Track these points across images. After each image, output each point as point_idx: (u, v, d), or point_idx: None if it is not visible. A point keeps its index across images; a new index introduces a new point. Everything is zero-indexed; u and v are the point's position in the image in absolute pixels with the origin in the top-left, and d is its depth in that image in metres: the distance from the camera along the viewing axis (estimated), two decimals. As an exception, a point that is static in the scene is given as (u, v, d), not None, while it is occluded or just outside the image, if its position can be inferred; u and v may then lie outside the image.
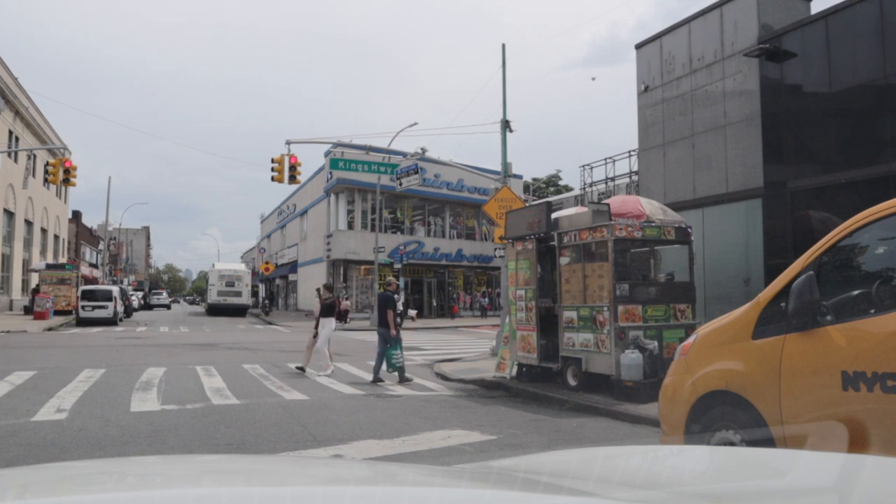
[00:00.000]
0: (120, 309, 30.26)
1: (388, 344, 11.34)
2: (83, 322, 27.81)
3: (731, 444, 3.95)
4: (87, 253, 61.25)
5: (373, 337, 22.99)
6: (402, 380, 11.22)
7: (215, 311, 40.41)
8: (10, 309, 34.36)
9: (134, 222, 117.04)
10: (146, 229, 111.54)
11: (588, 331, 9.50)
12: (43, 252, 42.11)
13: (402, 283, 32.94)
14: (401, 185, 21.39)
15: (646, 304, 9.37)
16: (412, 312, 33.52)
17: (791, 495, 1.60)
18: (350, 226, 39.22)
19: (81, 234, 58.48)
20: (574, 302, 9.83)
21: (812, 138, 14.52)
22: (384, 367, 11.43)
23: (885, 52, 12.64)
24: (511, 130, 17.17)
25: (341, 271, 39.16)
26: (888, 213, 3.56)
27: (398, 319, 31.39)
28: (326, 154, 35.59)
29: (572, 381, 9.75)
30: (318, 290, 13.50)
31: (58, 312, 30.67)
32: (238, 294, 40.97)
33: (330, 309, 13.11)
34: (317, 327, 12.89)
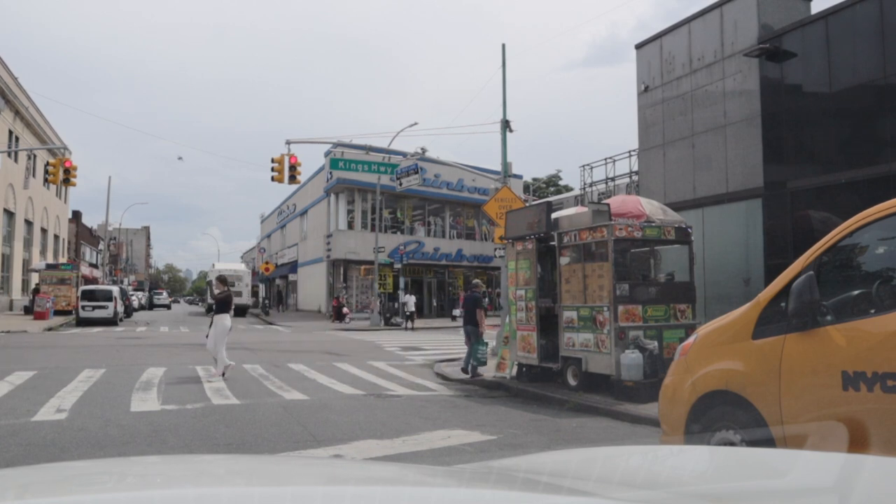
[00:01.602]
0: (120, 309, 30.26)
1: (476, 340, 11.96)
2: (83, 322, 27.80)
3: (731, 444, 3.95)
4: (87, 253, 61.24)
5: (372, 337, 23.09)
6: (474, 374, 11.86)
7: None
8: (10, 309, 34.35)
9: (134, 222, 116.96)
10: (146, 229, 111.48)
11: (588, 331, 9.50)
12: (43, 252, 42.10)
13: (402, 283, 32.95)
14: (401, 185, 21.39)
15: (646, 304, 9.37)
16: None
17: (791, 495, 1.60)
18: (350, 226, 39.22)
19: (81, 234, 58.45)
20: (574, 302, 9.83)
21: (812, 138, 14.52)
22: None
23: (885, 52, 12.64)
24: (511, 130, 17.15)
25: (341, 271, 39.16)
26: (888, 213, 3.56)
27: (409, 321, 30.78)
28: (326, 154, 35.59)
29: (572, 381, 9.75)
30: (208, 282, 13.18)
31: (58, 312, 30.67)
32: (238, 294, 40.97)
33: (224, 304, 11.55)
34: (210, 325, 11.46)
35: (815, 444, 3.54)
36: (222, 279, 12.39)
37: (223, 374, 11.14)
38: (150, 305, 58.08)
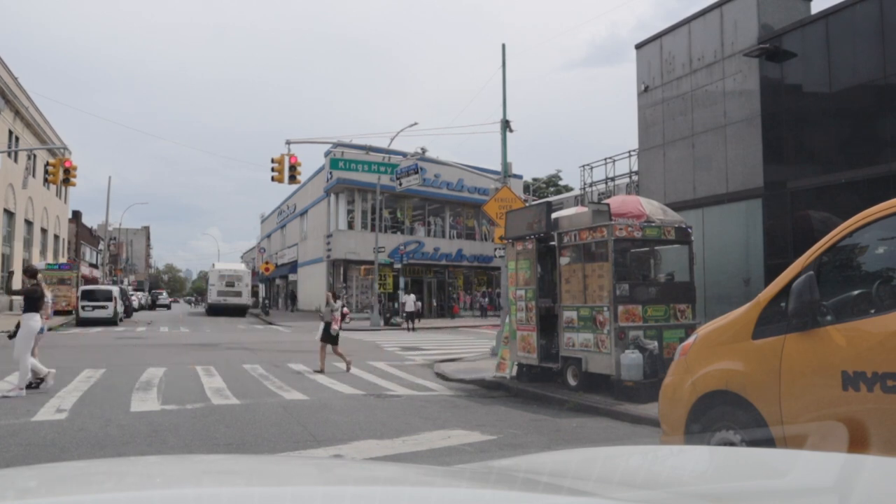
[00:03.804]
0: (120, 309, 30.26)
1: None
2: (83, 322, 27.80)
3: (731, 444, 3.95)
4: (87, 253, 61.24)
5: (373, 337, 23.08)
6: None
7: (215, 311, 40.43)
8: (10, 309, 34.33)
9: (134, 222, 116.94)
10: (146, 229, 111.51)
11: (588, 331, 9.50)
12: (43, 252, 42.09)
13: (402, 283, 32.94)
14: (401, 185, 21.40)
15: (646, 304, 9.37)
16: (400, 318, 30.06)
17: (791, 495, 1.60)
18: (350, 226, 39.22)
19: (81, 234, 58.44)
20: (574, 302, 9.83)
21: (812, 138, 14.53)
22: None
23: (885, 52, 12.64)
24: (511, 130, 17.15)
25: (341, 271, 39.15)
26: (888, 213, 3.56)
27: (411, 322, 30.59)
28: (326, 154, 35.60)
29: (572, 381, 9.75)
30: (14, 272, 10.40)
31: (58, 312, 30.58)
32: (238, 294, 40.98)
33: (32, 301, 9.50)
34: (17, 325, 9.73)
35: (815, 444, 3.54)
36: (30, 271, 9.95)
37: (31, 386, 9.25)
38: (153, 305, 59.07)
